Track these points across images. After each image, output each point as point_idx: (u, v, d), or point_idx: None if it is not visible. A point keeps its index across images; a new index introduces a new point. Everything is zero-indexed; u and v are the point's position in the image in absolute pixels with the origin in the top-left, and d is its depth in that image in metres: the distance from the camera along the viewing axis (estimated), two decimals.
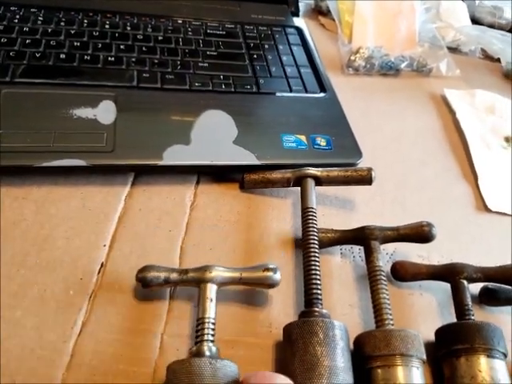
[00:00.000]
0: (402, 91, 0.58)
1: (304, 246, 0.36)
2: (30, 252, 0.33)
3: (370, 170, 0.41)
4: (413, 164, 0.49)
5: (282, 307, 0.35)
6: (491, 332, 0.32)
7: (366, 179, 0.41)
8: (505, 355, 0.32)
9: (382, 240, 0.38)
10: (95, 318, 0.31)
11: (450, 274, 0.37)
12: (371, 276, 0.35)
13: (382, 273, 0.35)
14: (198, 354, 0.28)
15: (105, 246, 0.35)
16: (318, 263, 0.34)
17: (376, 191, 0.44)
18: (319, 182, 0.41)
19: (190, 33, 0.51)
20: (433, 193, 0.47)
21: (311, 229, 0.36)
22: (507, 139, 0.54)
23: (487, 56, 0.69)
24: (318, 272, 0.34)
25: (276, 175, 0.41)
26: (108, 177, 0.39)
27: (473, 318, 0.34)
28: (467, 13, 0.73)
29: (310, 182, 0.40)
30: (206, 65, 0.48)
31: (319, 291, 0.33)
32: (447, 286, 0.37)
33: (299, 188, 0.40)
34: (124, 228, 0.37)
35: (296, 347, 0.29)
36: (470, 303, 0.35)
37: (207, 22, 0.54)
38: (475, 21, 0.75)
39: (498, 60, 0.67)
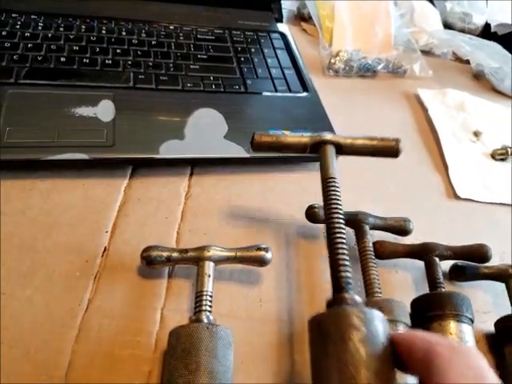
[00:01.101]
0: (379, 91, 0.63)
1: (328, 222, 0.30)
2: (38, 237, 0.36)
3: (397, 140, 0.37)
4: (391, 162, 0.53)
5: (272, 284, 0.38)
6: (460, 300, 0.36)
7: (393, 150, 0.37)
8: (472, 321, 0.36)
9: (372, 226, 0.42)
10: (100, 295, 0.34)
11: (424, 252, 0.41)
12: (363, 255, 0.39)
13: (372, 253, 0.39)
14: (197, 320, 0.31)
15: (107, 232, 0.38)
16: (344, 240, 0.29)
17: (354, 180, 0.48)
18: (341, 150, 0.36)
19: (181, 37, 0.55)
20: (407, 182, 0.51)
21: (335, 202, 0.31)
22: (476, 134, 0.59)
23: (458, 58, 0.74)
24: (346, 252, 0.29)
25: (292, 139, 0.36)
26: (108, 170, 0.42)
27: (443, 289, 0.38)
28: (439, 18, 0.77)
29: (331, 149, 0.35)
30: (197, 67, 0.51)
31: (349, 274, 0.28)
32: (421, 264, 0.41)
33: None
34: (124, 216, 0.40)
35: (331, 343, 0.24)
36: (441, 277, 0.39)
37: (197, 27, 0.57)
38: (447, 26, 0.80)
39: (468, 62, 0.72)
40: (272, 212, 0.44)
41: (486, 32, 0.81)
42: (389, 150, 0.37)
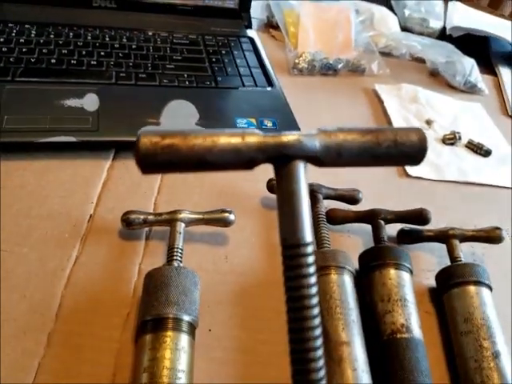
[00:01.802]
0: (340, 87, 0.69)
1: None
2: (33, 206, 0.42)
3: None
4: None
5: (237, 244, 0.44)
6: (399, 252, 0.41)
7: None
8: (411, 271, 0.41)
9: (324, 196, 0.47)
10: (86, 253, 0.40)
11: (371, 216, 0.47)
12: (316, 219, 0.45)
13: (324, 217, 0.45)
14: (168, 265, 0.37)
15: (92, 203, 0.44)
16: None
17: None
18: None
19: (159, 42, 0.62)
20: None
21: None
22: (428, 122, 0.65)
23: (416, 59, 0.81)
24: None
25: (224, 141, 0.21)
26: (93, 153, 0.48)
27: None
28: (398, 23, 0.85)
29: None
30: (172, 66, 0.58)
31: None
32: (370, 230, 0.46)
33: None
34: (107, 190, 0.46)
35: None
36: (385, 236, 0.45)
37: (174, 34, 0.64)
38: (407, 30, 0.87)
39: (425, 62, 0.79)
40: (239, 187, 0.50)
41: (443, 35, 0.88)
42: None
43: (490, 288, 0.40)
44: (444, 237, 0.46)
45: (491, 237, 0.45)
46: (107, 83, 0.53)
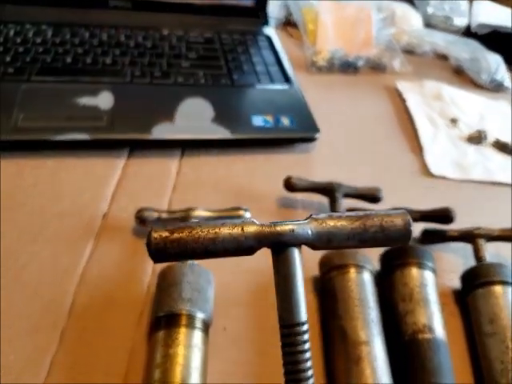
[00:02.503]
0: (360, 85, 0.68)
1: None
2: (47, 204, 0.42)
3: None
4: (368, 140, 0.58)
5: None
6: (422, 251, 0.40)
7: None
8: (434, 270, 0.39)
9: (344, 194, 0.46)
10: (100, 250, 0.39)
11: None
12: None
13: None
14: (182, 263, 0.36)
15: (106, 200, 0.43)
16: None
17: (336, 161, 0.53)
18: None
19: (174, 41, 0.61)
20: (384, 162, 0.55)
21: None
22: (453, 120, 0.63)
23: (439, 56, 0.78)
24: None
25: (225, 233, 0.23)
26: (108, 151, 0.48)
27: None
28: (421, 20, 0.83)
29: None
30: (187, 65, 0.57)
31: None
32: None
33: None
34: (121, 189, 0.45)
35: None
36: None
37: (189, 32, 0.64)
38: (430, 27, 0.85)
39: (448, 59, 0.77)
40: (255, 187, 0.48)
41: (468, 33, 0.85)
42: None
43: None
44: (469, 236, 0.44)
45: None
46: (122, 82, 0.52)
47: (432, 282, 0.39)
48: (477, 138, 0.60)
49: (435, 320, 0.35)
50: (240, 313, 0.37)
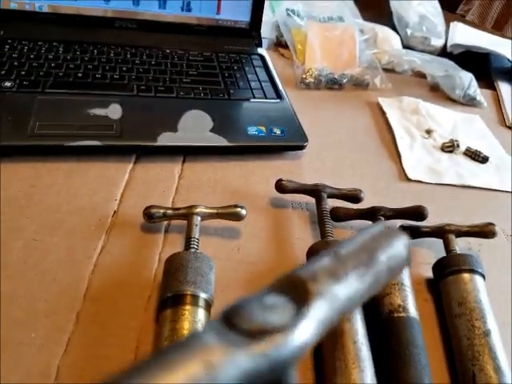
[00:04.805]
0: (345, 100, 0.74)
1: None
2: (62, 203, 0.46)
3: None
4: (351, 149, 0.64)
5: (248, 238, 0.47)
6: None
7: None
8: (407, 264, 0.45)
9: (329, 195, 0.51)
10: (111, 243, 0.44)
11: (372, 213, 0.50)
12: (321, 215, 0.48)
13: (328, 213, 0.48)
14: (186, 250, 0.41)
15: (116, 200, 0.48)
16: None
17: (322, 167, 0.58)
18: None
19: (176, 59, 0.67)
20: (366, 168, 0.61)
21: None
22: (428, 131, 0.69)
23: (417, 74, 0.85)
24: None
25: None
26: (117, 157, 0.53)
27: None
28: (400, 42, 0.90)
29: None
30: (188, 80, 0.63)
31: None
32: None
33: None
34: (130, 190, 0.50)
35: None
36: None
37: (189, 51, 0.69)
38: (410, 48, 0.92)
39: (426, 77, 0.83)
40: (250, 189, 0.54)
41: (444, 52, 0.93)
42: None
43: (483, 276, 0.43)
44: (440, 232, 0.49)
45: (485, 232, 0.48)
46: (129, 95, 0.57)
47: (406, 270, 0.44)
48: (450, 147, 0.66)
49: (409, 301, 0.40)
50: (237, 296, 0.42)
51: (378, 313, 0.40)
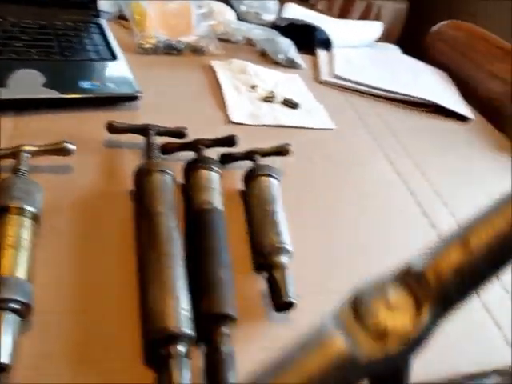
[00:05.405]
0: (181, 64, 0.83)
1: None
2: None
3: None
4: (185, 103, 0.72)
5: (82, 172, 0.53)
6: (210, 160, 0.54)
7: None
8: (218, 172, 0.54)
9: (156, 133, 0.59)
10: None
11: (194, 144, 0.59)
12: (149, 147, 0.56)
13: (157, 148, 0.56)
14: None
15: None
16: None
17: (158, 117, 0.66)
18: None
19: (9, 26, 0.70)
20: (197, 116, 0.70)
21: None
22: (253, 87, 0.80)
23: (249, 43, 0.97)
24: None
25: None
26: None
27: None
28: (234, 16, 1.01)
29: None
30: (21, 45, 0.67)
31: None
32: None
33: None
34: None
35: None
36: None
37: (24, 19, 0.73)
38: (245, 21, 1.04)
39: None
40: (84, 135, 0.59)
41: (274, 26, 1.06)
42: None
43: (278, 179, 0.55)
44: (250, 155, 0.60)
45: (282, 151, 0.60)
46: None
47: (217, 179, 0.53)
48: (269, 98, 0.78)
49: (216, 199, 0.50)
50: (67, 217, 0.48)
51: (191, 208, 0.49)
